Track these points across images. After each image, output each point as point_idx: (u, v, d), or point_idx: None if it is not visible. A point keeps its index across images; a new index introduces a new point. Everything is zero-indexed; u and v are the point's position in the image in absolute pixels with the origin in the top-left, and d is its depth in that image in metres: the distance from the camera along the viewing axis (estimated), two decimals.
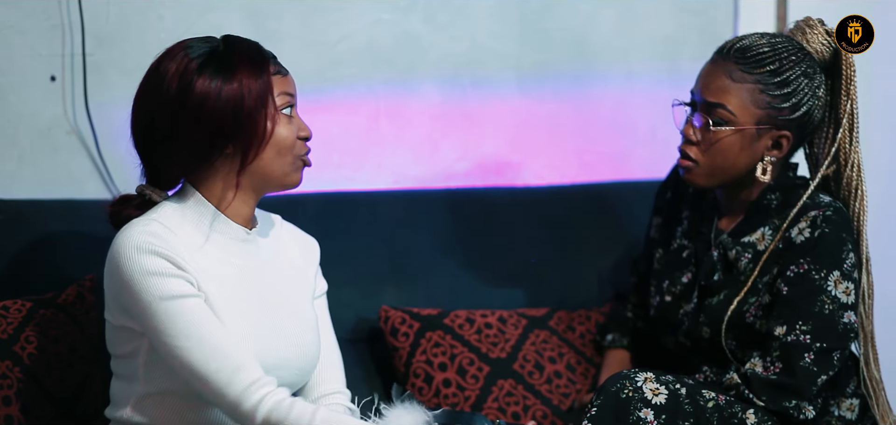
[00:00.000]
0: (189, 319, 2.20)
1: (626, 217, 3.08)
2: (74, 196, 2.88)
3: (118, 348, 2.30)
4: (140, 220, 2.26)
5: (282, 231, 2.46)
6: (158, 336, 2.20)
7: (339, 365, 2.46)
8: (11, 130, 2.86)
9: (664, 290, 2.70)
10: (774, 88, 2.51)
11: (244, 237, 2.33)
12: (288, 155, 2.30)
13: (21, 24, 2.84)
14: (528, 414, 2.79)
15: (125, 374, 2.30)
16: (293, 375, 2.34)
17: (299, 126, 2.32)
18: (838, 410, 2.57)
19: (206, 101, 2.23)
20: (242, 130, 2.25)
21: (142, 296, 2.20)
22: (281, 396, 2.19)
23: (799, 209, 2.52)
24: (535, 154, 3.27)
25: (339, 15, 3.08)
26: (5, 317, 2.52)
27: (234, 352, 2.20)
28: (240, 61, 2.26)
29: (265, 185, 2.32)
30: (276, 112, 2.27)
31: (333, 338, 2.48)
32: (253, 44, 2.31)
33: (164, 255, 2.21)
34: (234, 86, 2.24)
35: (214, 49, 2.28)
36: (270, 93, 2.27)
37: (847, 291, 2.49)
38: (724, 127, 2.51)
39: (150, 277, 2.20)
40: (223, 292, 2.27)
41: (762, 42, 2.53)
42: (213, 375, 2.18)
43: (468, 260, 3.01)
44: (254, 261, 2.34)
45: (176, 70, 2.25)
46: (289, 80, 2.32)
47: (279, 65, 2.32)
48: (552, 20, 3.25)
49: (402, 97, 3.16)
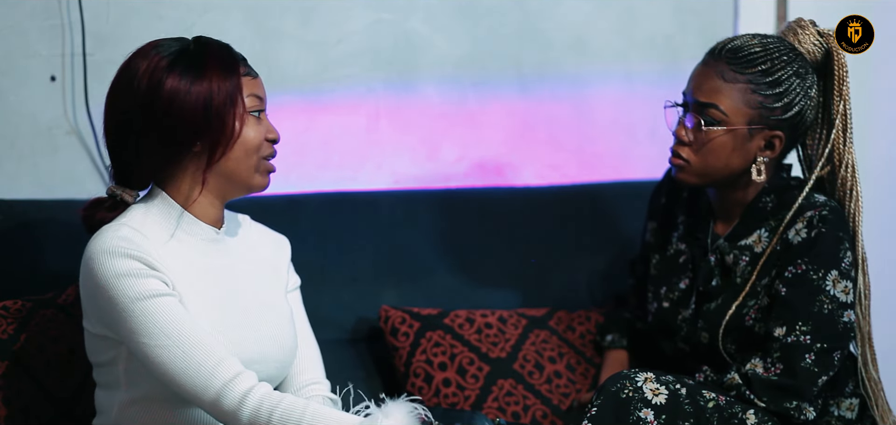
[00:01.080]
0: (166, 317, 2.20)
1: (626, 217, 3.08)
2: (74, 196, 2.88)
3: (98, 356, 2.31)
4: (110, 226, 2.26)
5: (251, 230, 2.47)
6: (136, 337, 2.20)
7: (316, 356, 2.47)
8: (11, 130, 2.86)
9: (662, 297, 2.70)
10: (766, 88, 2.51)
11: (213, 237, 2.34)
12: (253, 155, 2.30)
13: (21, 24, 2.85)
14: (528, 414, 2.79)
15: (107, 382, 2.31)
16: (273, 369, 2.35)
17: (268, 128, 2.33)
18: (838, 410, 2.57)
19: (175, 99, 2.24)
20: (211, 128, 2.26)
21: (117, 299, 2.20)
22: (267, 390, 2.19)
23: (795, 210, 2.52)
24: (535, 154, 3.27)
25: (339, 15, 3.08)
26: (5, 317, 2.52)
27: (215, 348, 2.20)
28: (210, 61, 2.28)
29: (231, 187, 2.33)
30: (245, 113, 2.29)
31: (309, 330, 2.49)
32: (224, 45, 2.33)
33: (136, 257, 2.21)
34: (203, 84, 2.25)
35: (185, 48, 2.29)
36: (240, 93, 2.28)
37: (846, 290, 2.49)
38: (715, 127, 2.51)
39: (123, 279, 2.20)
40: (195, 291, 2.28)
41: (754, 42, 2.53)
42: (193, 372, 2.18)
43: (468, 260, 3.01)
44: (224, 259, 2.35)
45: (146, 68, 2.26)
46: (258, 83, 2.33)
47: (249, 67, 2.33)
48: (552, 20, 3.25)
49: (402, 97, 3.16)
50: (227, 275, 2.34)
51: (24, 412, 2.46)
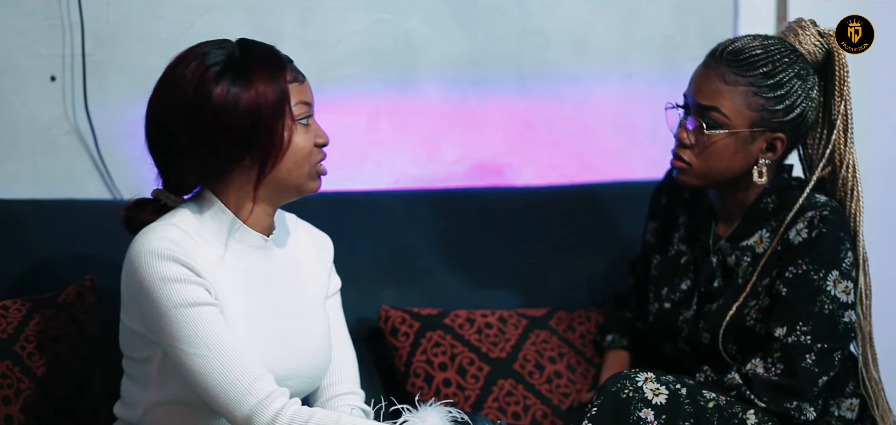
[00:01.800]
0: (207, 327, 2.17)
1: (626, 217, 3.08)
2: (74, 196, 2.88)
3: (132, 352, 2.28)
4: (158, 225, 2.23)
5: (298, 231, 2.43)
6: (174, 343, 2.17)
7: (352, 365, 2.44)
8: (11, 130, 2.86)
9: (663, 297, 2.70)
10: (768, 90, 2.50)
11: (262, 245, 2.31)
12: (305, 164, 2.27)
13: (21, 24, 2.84)
14: (528, 414, 2.79)
15: (137, 377, 2.29)
16: (305, 384, 2.34)
17: (316, 133, 2.29)
18: (838, 410, 2.57)
19: (223, 111, 2.19)
20: (260, 142, 2.21)
21: (160, 303, 2.17)
22: (297, 407, 2.17)
23: (796, 210, 2.52)
24: (535, 154, 3.27)
25: (339, 15, 3.08)
26: (5, 317, 2.52)
27: (253, 365, 2.18)
28: (256, 69, 2.22)
29: (283, 194, 2.29)
30: (293, 122, 2.24)
31: (347, 338, 2.46)
32: (269, 49, 2.27)
33: (182, 262, 2.18)
34: (250, 95, 2.20)
35: (231, 55, 2.23)
36: (287, 102, 2.23)
37: (846, 290, 2.49)
38: (717, 130, 2.51)
39: (168, 283, 2.17)
40: (237, 301, 2.25)
41: (755, 44, 2.53)
42: (231, 386, 2.16)
43: (468, 260, 3.01)
44: (269, 268, 2.32)
45: (192, 77, 2.20)
46: (306, 88, 2.29)
47: (296, 71, 2.28)
48: (552, 20, 3.25)
49: (402, 97, 3.16)
50: (271, 285, 2.31)
51: (25, 412, 2.46)
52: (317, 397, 2.41)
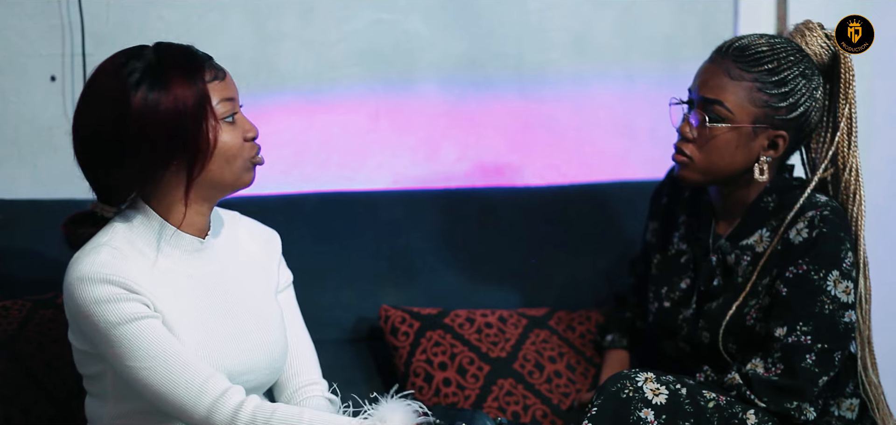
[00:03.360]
0: (149, 340, 2.16)
1: (626, 217, 3.08)
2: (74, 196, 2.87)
3: (86, 369, 2.28)
4: (87, 249, 2.21)
5: (238, 228, 2.41)
6: (121, 361, 2.17)
7: (311, 355, 2.42)
8: (11, 130, 2.86)
9: (663, 297, 2.70)
10: (772, 87, 2.51)
11: (198, 248, 2.29)
12: (236, 161, 2.24)
13: (21, 24, 2.85)
14: (528, 414, 2.79)
15: (97, 393, 2.28)
16: (263, 376, 2.32)
17: (245, 128, 2.26)
18: (838, 410, 2.57)
19: (143, 120, 2.17)
20: (185, 146, 2.19)
21: (98, 326, 2.16)
22: (258, 401, 2.16)
23: (797, 210, 2.52)
24: (535, 154, 3.27)
25: (339, 15, 3.08)
26: (5, 317, 2.52)
27: (200, 366, 2.17)
28: (173, 73, 2.19)
29: (217, 193, 2.27)
30: (217, 122, 2.22)
31: (303, 329, 2.44)
32: (185, 50, 2.24)
33: (114, 281, 2.17)
34: (170, 99, 2.17)
35: (147, 62, 2.20)
36: (208, 103, 2.20)
37: (847, 290, 2.48)
38: (720, 123, 2.51)
39: (103, 305, 2.16)
40: (179, 306, 2.23)
41: (761, 41, 2.54)
42: (181, 391, 2.15)
43: (468, 260, 3.01)
44: (209, 267, 2.30)
45: (111, 87, 2.19)
46: (227, 84, 2.24)
47: (216, 68, 2.24)
48: (552, 20, 3.25)
49: (402, 97, 3.16)
50: (214, 282, 2.29)
51: (25, 412, 2.46)
52: (280, 392, 2.40)
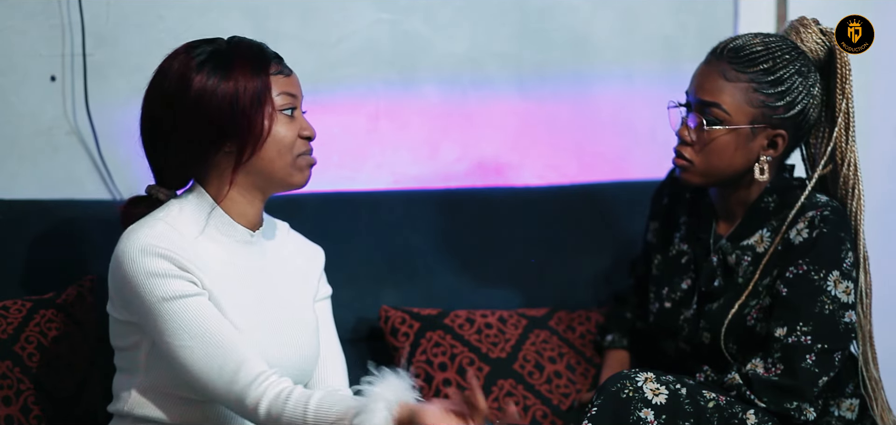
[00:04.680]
0: (192, 318, 2.21)
1: (626, 217, 3.08)
2: (74, 196, 2.88)
3: (120, 341, 2.32)
4: (144, 221, 2.28)
5: (288, 238, 2.48)
6: (162, 336, 2.22)
7: (341, 365, 2.48)
8: (11, 130, 2.86)
9: (663, 297, 2.70)
10: (768, 87, 2.51)
11: (248, 239, 2.35)
12: (287, 154, 2.31)
13: (21, 24, 2.84)
14: (528, 414, 2.79)
15: (127, 367, 2.32)
16: (291, 375, 2.33)
17: (302, 126, 2.34)
18: (838, 410, 2.57)
19: (202, 98, 2.25)
20: (239, 128, 2.26)
21: (145, 298, 2.21)
22: (280, 387, 2.20)
23: (797, 210, 2.52)
24: (535, 154, 3.27)
25: (339, 15, 3.08)
26: (5, 317, 2.52)
27: (238, 347, 2.21)
28: (238, 60, 2.28)
29: (268, 185, 2.34)
30: (274, 111, 2.29)
31: (336, 340, 2.50)
32: (256, 45, 2.33)
33: (167, 256, 2.22)
34: (230, 84, 2.26)
35: (217, 48, 2.30)
36: (268, 92, 2.29)
37: (847, 291, 2.48)
38: (718, 126, 2.51)
39: (153, 279, 2.21)
40: (224, 291, 2.28)
41: (755, 41, 2.54)
42: (217, 372, 2.20)
43: (468, 260, 3.01)
44: (256, 262, 2.36)
45: (177, 68, 2.28)
46: (292, 81, 2.34)
47: (283, 65, 2.34)
48: (552, 20, 3.25)
49: (402, 97, 3.16)
50: (258, 277, 2.35)
51: (24, 412, 2.46)
52: None
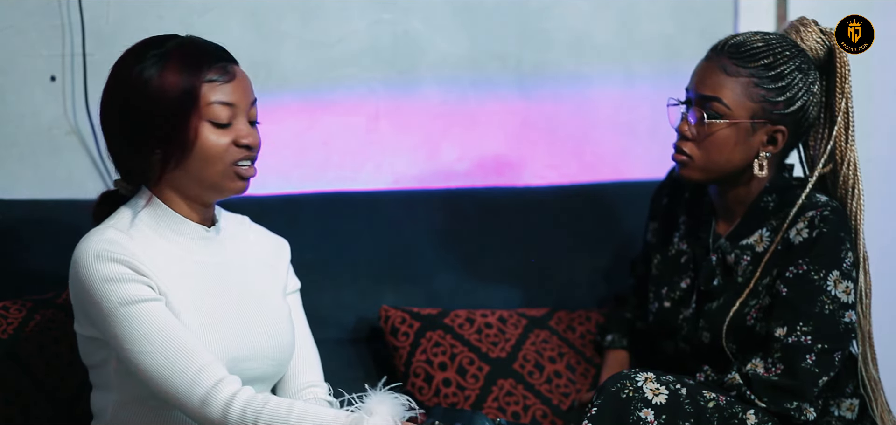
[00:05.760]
0: (150, 323, 2.17)
1: (626, 217, 3.08)
2: (74, 196, 2.88)
3: (90, 358, 2.30)
4: (97, 229, 2.24)
5: (249, 231, 2.43)
6: (120, 342, 2.18)
7: (315, 358, 2.44)
8: (11, 130, 2.86)
9: (663, 297, 2.70)
10: (769, 82, 2.51)
11: (203, 235, 2.31)
12: (216, 163, 2.23)
13: (21, 24, 2.84)
14: (528, 414, 2.79)
15: (100, 383, 2.30)
16: (269, 366, 2.33)
17: (239, 134, 2.24)
18: (838, 410, 2.57)
19: (134, 96, 2.21)
20: (162, 133, 2.20)
21: (102, 304, 2.18)
22: (250, 394, 2.16)
23: (797, 209, 2.52)
24: (535, 154, 3.27)
25: (340, 15, 3.08)
26: (5, 317, 2.52)
27: (198, 353, 2.18)
28: (172, 61, 2.21)
29: (204, 192, 2.27)
30: (201, 120, 2.21)
31: (308, 333, 2.46)
32: (200, 48, 2.24)
33: (122, 261, 2.19)
34: (155, 86, 2.19)
35: (165, 49, 2.22)
36: (196, 99, 2.20)
37: (847, 290, 2.49)
38: (718, 120, 2.52)
39: (108, 284, 2.18)
40: (185, 290, 2.25)
41: (756, 38, 2.54)
42: (177, 377, 2.16)
43: (468, 260, 3.01)
44: (217, 257, 2.32)
45: (123, 60, 2.24)
46: (231, 89, 2.23)
47: (227, 71, 2.24)
48: (552, 20, 3.25)
49: (402, 97, 3.16)
50: (222, 271, 2.31)
51: (24, 412, 2.46)
52: (281, 392, 2.40)
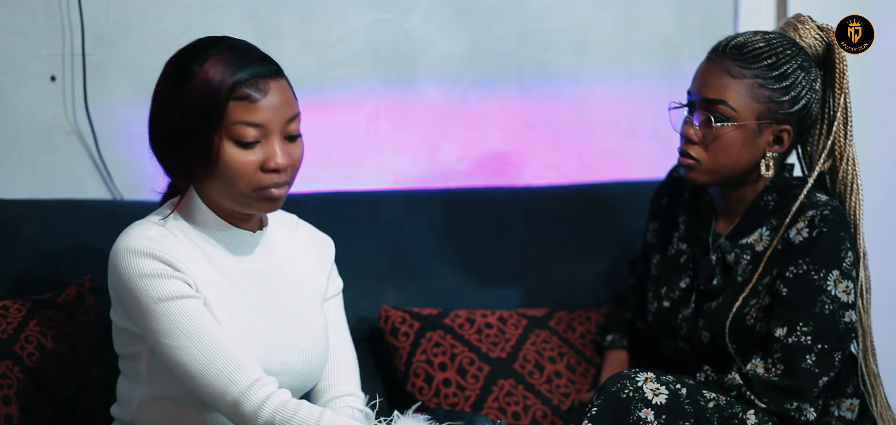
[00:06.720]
0: (188, 319, 2.18)
1: (626, 217, 3.08)
2: (74, 196, 2.88)
3: (123, 348, 2.30)
4: (138, 223, 2.24)
5: (298, 232, 2.42)
6: (157, 337, 2.18)
7: (352, 366, 2.42)
8: (11, 130, 2.86)
9: (662, 296, 2.70)
10: (773, 82, 2.51)
11: (249, 240, 2.30)
12: (237, 184, 2.20)
13: (21, 24, 2.85)
14: (528, 414, 2.79)
15: (130, 374, 2.29)
16: (296, 380, 2.31)
17: (267, 156, 2.19)
18: (838, 410, 2.57)
19: (165, 98, 2.20)
20: (187, 147, 2.19)
21: (140, 299, 2.18)
22: (285, 397, 2.16)
23: (797, 209, 2.52)
24: (535, 154, 3.27)
25: (340, 15, 3.08)
26: (5, 317, 2.52)
27: (236, 352, 2.18)
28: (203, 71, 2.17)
29: (235, 206, 2.24)
30: (223, 139, 2.17)
31: (348, 339, 2.44)
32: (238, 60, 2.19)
33: (160, 257, 2.19)
34: (186, 93, 2.17)
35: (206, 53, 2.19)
36: (220, 117, 2.16)
37: (847, 290, 2.48)
38: (725, 123, 2.51)
39: (146, 280, 2.18)
40: (223, 297, 2.24)
41: (757, 38, 2.54)
42: (213, 375, 2.16)
43: (468, 260, 3.01)
44: (260, 262, 2.31)
45: (171, 63, 2.23)
46: (259, 108, 2.18)
47: (260, 88, 2.18)
48: (552, 20, 3.25)
49: (402, 97, 3.16)
50: (261, 280, 2.30)
51: (24, 412, 2.46)
52: (316, 398, 2.39)
